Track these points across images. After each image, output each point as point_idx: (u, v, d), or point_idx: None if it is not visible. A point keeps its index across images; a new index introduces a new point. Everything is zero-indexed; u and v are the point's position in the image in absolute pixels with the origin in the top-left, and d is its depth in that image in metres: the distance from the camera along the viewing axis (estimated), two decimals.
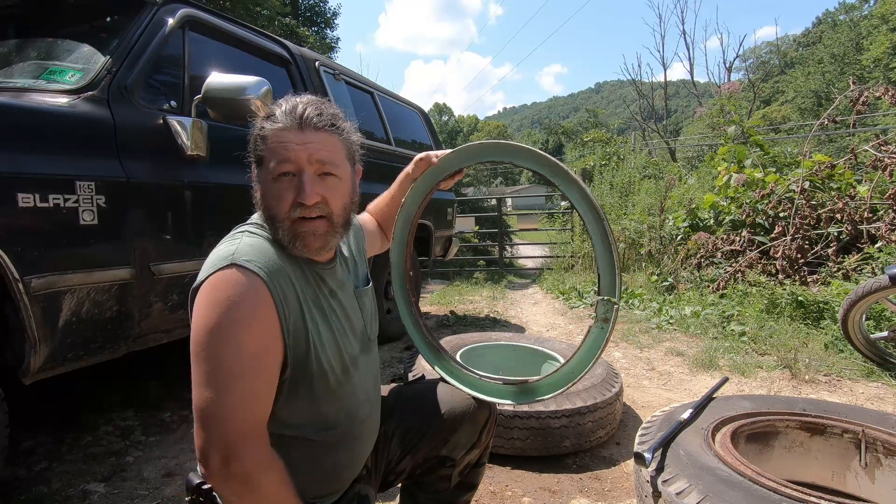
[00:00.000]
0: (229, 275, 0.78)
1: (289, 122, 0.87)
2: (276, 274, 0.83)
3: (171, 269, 1.78)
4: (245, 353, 0.76)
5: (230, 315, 0.76)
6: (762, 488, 1.15)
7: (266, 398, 0.80)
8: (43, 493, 1.67)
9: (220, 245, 0.87)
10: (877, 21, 27.67)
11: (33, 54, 1.92)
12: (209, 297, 0.77)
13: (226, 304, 0.76)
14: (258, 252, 0.83)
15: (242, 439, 0.76)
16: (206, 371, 0.76)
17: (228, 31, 2.24)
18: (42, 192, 1.37)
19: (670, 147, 16.93)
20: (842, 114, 7.65)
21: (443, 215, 4.07)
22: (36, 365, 1.42)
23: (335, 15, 18.70)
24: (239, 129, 2.11)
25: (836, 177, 4.60)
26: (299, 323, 0.86)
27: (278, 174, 0.86)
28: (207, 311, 0.77)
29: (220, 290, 0.77)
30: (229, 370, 0.76)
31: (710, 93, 30.99)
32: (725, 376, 1.97)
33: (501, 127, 65.43)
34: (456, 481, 1.22)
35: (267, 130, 0.88)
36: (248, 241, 0.86)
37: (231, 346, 0.76)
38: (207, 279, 0.79)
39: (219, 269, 0.79)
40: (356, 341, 1.01)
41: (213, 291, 0.77)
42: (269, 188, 0.88)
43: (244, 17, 10.10)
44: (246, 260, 0.80)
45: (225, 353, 0.76)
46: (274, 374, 0.82)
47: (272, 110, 0.90)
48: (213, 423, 0.76)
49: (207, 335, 0.76)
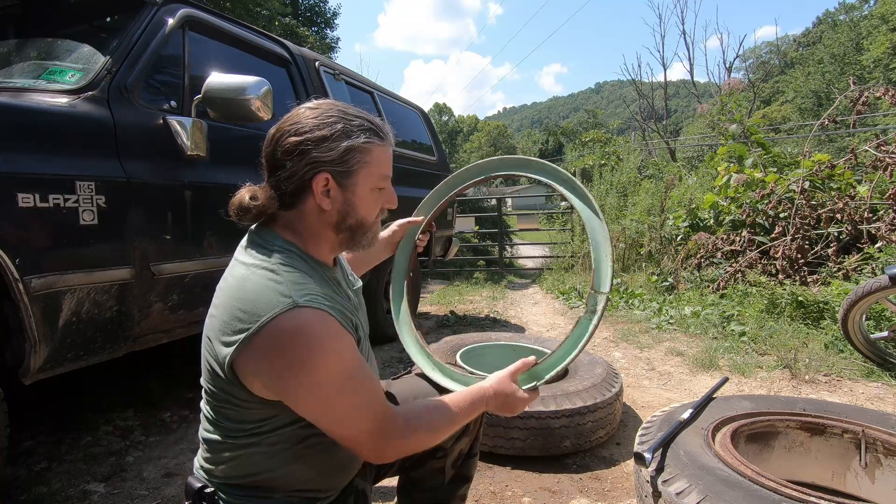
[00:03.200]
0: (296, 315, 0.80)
1: (387, 139, 0.95)
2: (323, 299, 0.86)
3: (171, 269, 1.78)
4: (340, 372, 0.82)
5: (316, 347, 0.80)
6: (762, 488, 1.15)
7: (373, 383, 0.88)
8: (43, 493, 1.67)
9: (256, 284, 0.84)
10: (877, 21, 27.66)
11: (33, 54, 1.93)
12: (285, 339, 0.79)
13: (306, 340, 0.79)
14: (303, 285, 0.85)
15: (380, 429, 0.85)
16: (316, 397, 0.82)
17: (228, 31, 2.24)
18: (42, 192, 1.37)
19: (670, 147, 16.93)
20: (842, 114, 7.65)
21: (443, 215, 4.07)
22: (36, 365, 1.42)
23: (335, 15, 18.72)
24: (239, 129, 2.12)
25: (836, 177, 4.60)
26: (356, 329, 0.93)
27: (379, 187, 0.94)
28: (288, 351, 0.79)
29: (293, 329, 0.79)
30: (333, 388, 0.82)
31: (710, 93, 30.99)
32: (725, 376, 1.97)
33: (501, 127, 65.39)
34: (450, 474, 1.23)
35: (370, 145, 0.91)
36: (289, 276, 0.85)
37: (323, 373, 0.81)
38: (272, 323, 0.79)
39: (280, 314, 0.79)
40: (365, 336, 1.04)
41: (290, 331, 0.79)
42: (364, 198, 0.93)
43: (244, 17, 10.10)
44: (305, 299, 0.82)
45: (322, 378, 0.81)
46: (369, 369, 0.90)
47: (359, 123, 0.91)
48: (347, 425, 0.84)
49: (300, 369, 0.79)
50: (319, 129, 0.88)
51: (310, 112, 0.91)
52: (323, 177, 0.88)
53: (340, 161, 0.89)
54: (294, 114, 0.92)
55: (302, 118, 0.90)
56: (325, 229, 0.93)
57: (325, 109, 0.91)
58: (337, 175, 0.89)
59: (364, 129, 0.91)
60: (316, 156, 0.87)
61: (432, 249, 3.90)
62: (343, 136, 0.89)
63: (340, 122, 0.89)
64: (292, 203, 0.90)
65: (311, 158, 0.87)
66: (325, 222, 0.92)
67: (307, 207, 0.91)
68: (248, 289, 0.84)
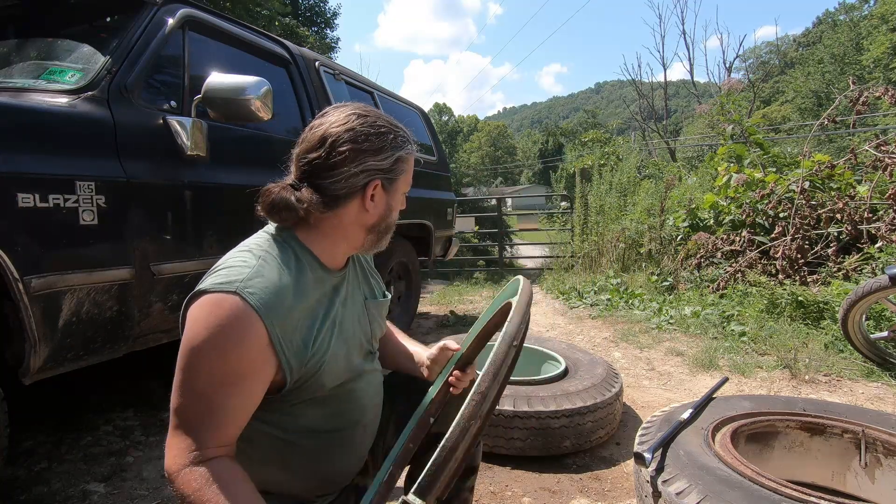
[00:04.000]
0: (228, 301, 0.79)
1: (414, 149, 0.99)
2: (279, 306, 0.83)
3: (171, 269, 1.78)
4: (217, 378, 0.79)
5: (214, 340, 0.78)
6: (762, 488, 1.15)
7: (234, 418, 0.81)
8: (43, 493, 1.67)
9: (238, 255, 0.88)
10: (877, 21, 27.66)
11: (33, 54, 1.92)
12: (203, 316, 0.79)
13: (215, 328, 0.78)
14: (267, 282, 0.83)
15: (185, 456, 0.78)
16: (182, 379, 0.80)
17: (228, 31, 2.24)
18: (42, 192, 1.37)
19: (670, 147, 16.93)
20: (842, 114, 7.65)
21: (443, 215, 4.07)
22: (36, 365, 1.42)
23: (335, 15, 18.71)
24: (239, 129, 2.12)
25: (836, 177, 4.60)
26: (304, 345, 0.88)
27: (406, 192, 1.00)
28: (197, 329, 0.79)
29: (214, 314, 0.79)
30: (198, 386, 0.79)
31: (710, 93, 30.98)
32: (725, 376, 1.97)
33: (501, 127, 65.42)
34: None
35: (409, 155, 0.97)
36: (264, 267, 0.85)
37: (205, 367, 0.79)
38: (208, 295, 0.81)
39: (222, 292, 0.80)
40: (362, 350, 1.03)
41: (209, 314, 0.79)
42: (397, 203, 0.99)
43: (244, 17, 10.10)
44: (251, 292, 0.81)
45: (201, 372, 0.79)
46: (251, 398, 0.83)
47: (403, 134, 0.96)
48: (181, 423, 0.80)
49: (190, 351, 0.79)
50: (375, 140, 0.91)
51: (361, 120, 0.92)
52: (374, 183, 0.92)
53: (390, 169, 0.94)
54: (342, 119, 0.91)
55: (357, 126, 0.91)
56: (357, 231, 0.96)
57: (373, 118, 0.94)
58: (385, 182, 0.94)
59: (406, 140, 0.96)
60: (372, 164, 0.91)
61: (432, 249, 3.90)
62: (394, 146, 0.93)
63: (391, 133, 0.93)
64: (332, 205, 0.91)
65: (368, 166, 0.90)
66: (361, 224, 0.95)
67: (348, 210, 0.92)
68: (224, 261, 0.87)
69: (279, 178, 0.96)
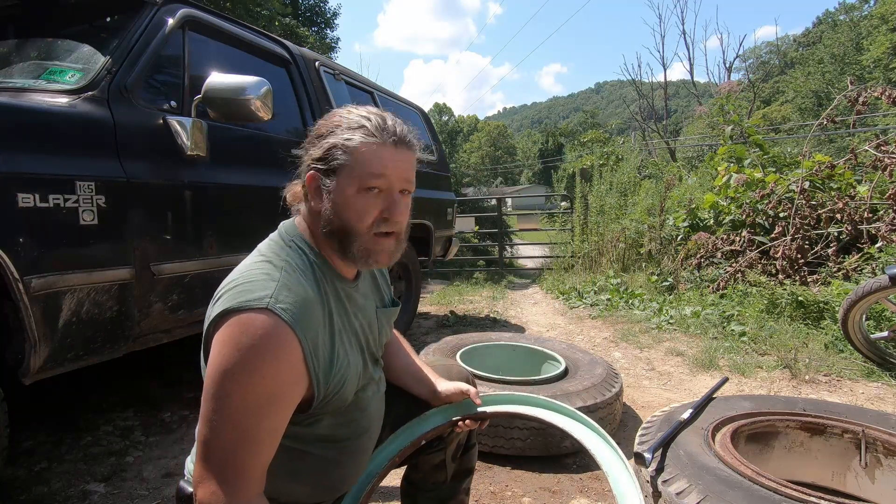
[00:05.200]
0: (261, 319, 0.75)
1: (385, 138, 0.86)
2: (309, 320, 0.80)
3: (171, 269, 1.78)
4: (251, 402, 0.75)
5: (249, 362, 0.74)
6: (762, 488, 1.15)
7: (268, 443, 0.78)
8: (43, 493, 1.67)
9: (258, 267, 0.83)
10: (877, 21, 27.66)
11: (33, 54, 1.92)
12: (234, 337, 0.75)
13: (249, 349, 0.74)
14: (296, 296, 0.80)
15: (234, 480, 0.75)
16: (214, 407, 0.75)
17: (228, 31, 2.24)
18: (42, 192, 1.37)
19: (670, 147, 16.93)
20: (842, 114, 7.65)
21: (443, 215, 4.07)
22: (36, 365, 1.42)
23: (335, 15, 18.71)
24: (239, 129, 2.12)
25: (836, 177, 4.60)
26: (330, 360, 0.85)
27: (366, 188, 0.85)
28: (227, 352, 0.75)
29: (248, 334, 0.74)
30: (232, 412, 0.75)
31: (710, 93, 30.99)
32: (725, 376, 1.97)
33: (501, 127, 65.43)
34: (452, 470, 1.22)
35: (356, 142, 0.84)
36: (289, 279, 0.82)
37: (239, 392, 0.74)
38: (237, 316, 0.76)
39: (252, 310, 0.76)
40: (372, 359, 1.02)
41: (240, 334, 0.75)
42: (349, 200, 0.85)
43: (244, 17, 10.10)
44: (283, 308, 0.77)
45: (234, 397, 0.74)
46: (283, 419, 0.81)
47: (355, 121, 0.86)
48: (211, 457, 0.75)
49: (221, 375, 0.74)
50: (318, 129, 0.88)
51: (324, 117, 0.91)
52: (310, 175, 0.87)
53: (323, 158, 0.86)
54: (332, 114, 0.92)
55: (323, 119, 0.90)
56: (323, 234, 0.89)
57: (333, 113, 0.90)
58: (322, 174, 0.86)
59: (356, 127, 0.85)
60: (309, 154, 0.88)
61: (432, 249, 3.90)
62: (333, 134, 0.86)
63: (337, 121, 0.87)
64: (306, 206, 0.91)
65: (306, 157, 0.88)
66: (320, 227, 0.88)
67: (309, 208, 0.90)
68: (245, 274, 0.83)
69: (281, 178, 0.96)
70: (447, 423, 1.13)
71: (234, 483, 0.74)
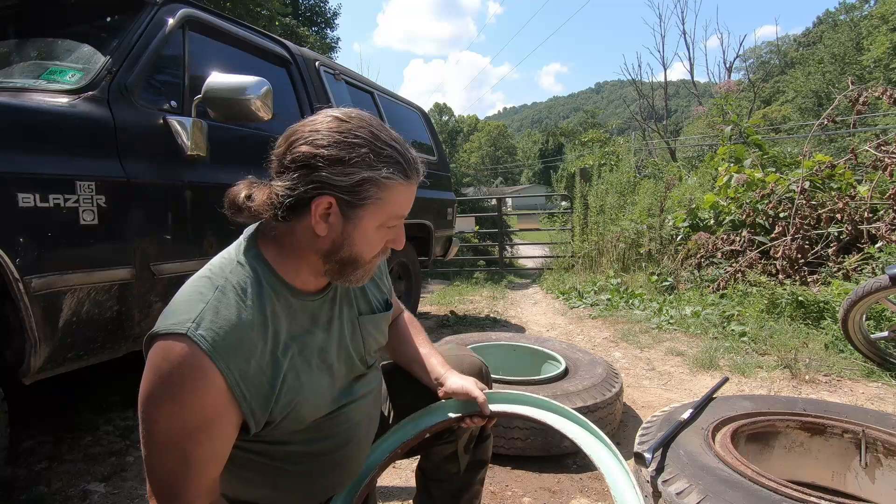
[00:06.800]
0: (178, 349, 0.73)
1: (414, 177, 0.84)
2: (237, 347, 0.76)
3: (172, 269, 1.78)
4: (177, 428, 0.74)
5: (168, 390, 0.73)
6: (762, 488, 1.15)
7: (205, 466, 0.77)
8: (43, 493, 1.67)
9: (195, 286, 0.80)
10: (877, 21, 27.67)
11: (33, 54, 1.93)
12: (155, 363, 0.74)
13: (167, 376, 0.73)
14: (223, 321, 0.76)
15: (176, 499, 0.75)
16: (144, 431, 0.75)
17: (228, 31, 2.24)
18: (42, 192, 1.37)
19: (670, 147, 16.92)
20: (842, 114, 7.65)
21: (443, 215, 4.07)
22: (36, 365, 1.42)
23: (335, 15, 18.72)
24: (239, 129, 2.12)
25: (837, 177, 4.60)
26: (271, 385, 0.81)
27: (388, 226, 0.84)
28: (150, 377, 0.74)
29: (168, 361, 0.73)
30: (160, 438, 0.74)
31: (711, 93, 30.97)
32: (725, 376, 1.97)
33: (501, 127, 65.45)
34: (465, 461, 1.20)
35: (393, 184, 0.80)
36: (221, 301, 0.77)
37: (163, 418, 0.74)
38: (159, 341, 0.75)
39: (171, 334, 0.74)
40: (352, 369, 0.96)
41: (161, 360, 0.73)
42: (368, 235, 0.83)
43: (244, 17, 10.09)
44: (202, 335, 0.73)
45: (159, 422, 0.74)
46: (220, 446, 0.78)
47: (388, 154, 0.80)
48: (152, 476, 0.76)
49: (145, 401, 0.74)
50: (339, 148, 0.77)
51: (335, 124, 0.80)
52: (326, 200, 0.78)
53: (351, 190, 0.78)
54: (318, 119, 0.81)
55: (323, 129, 0.79)
56: (311, 254, 0.84)
57: (354, 126, 0.80)
58: (343, 203, 0.79)
59: (391, 162, 0.80)
60: (325, 176, 0.77)
61: (432, 249, 3.90)
62: (363, 163, 0.78)
63: (366, 147, 0.78)
64: (286, 216, 0.80)
65: (318, 177, 0.77)
66: (313, 247, 0.83)
67: (301, 225, 0.81)
68: (181, 292, 0.80)
69: None
70: (453, 419, 1.11)
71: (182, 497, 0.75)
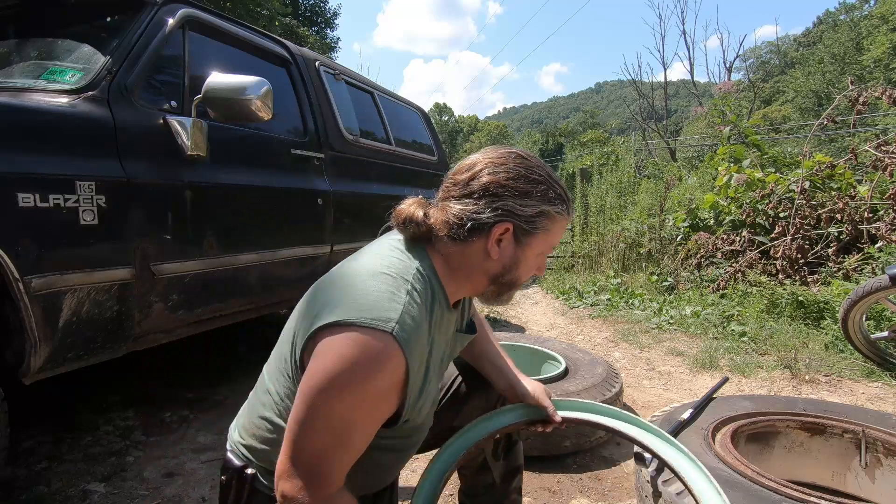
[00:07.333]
0: (379, 344, 0.77)
1: (571, 216, 0.96)
2: (418, 350, 0.83)
3: (172, 269, 1.78)
4: (353, 414, 0.78)
5: (361, 377, 0.76)
6: (762, 488, 1.15)
7: (357, 450, 0.82)
8: (43, 493, 1.67)
9: (385, 284, 0.84)
10: (877, 21, 27.66)
11: (33, 54, 1.93)
12: (349, 351, 0.76)
13: (364, 365, 0.76)
14: (414, 324, 0.82)
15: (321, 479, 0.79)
16: (307, 412, 0.78)
17: (228, 31, 2.24)
18: (42, 192, 1.37)
19: (670, 147, 16.91)
20: (842, 114, 7.65)
21: None
22: (36, 365, 1.42)
23: (335, 15, 18.74)
24: (239, 129, 2.12)
25: (837, 177, 4.60)
26: (420, 388, 0.88)
27: (546, 254, 0.97)
28: (341, 365, 0.76)
29: (365, 353, 0.76)
30: (326, 422, 0.78)
31: (711, 93, 30.96)
32: (725, 376, 1.97)
33: (501, 127, 65.43)
34: (499, 471, 1.23)
35: (561, 219, 0.93)
36: (412, 307, 0.83)
37: (345, 402, 0.77)
38: (357, 330, 0.77)
39: (377, 329, 0.77)
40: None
41: (359, 351, 0.76)
42: (530, 261, 0.94)
43: (244, 17, 10.10)
44: (405, 337, 0.78)
45: (334, 407, 0.77)
46: (374, 433, 0.84)
47: (559, 193, 0.92)
48: (301, 457, 0.79)
49: (326, 383, 0.76)
50: (524, 182, 0.89)
51: (519, 161, 0.91)
52: (504, 226, 0.89)
53: (529, 219, 0.90)
54: (500, 154, 0.92)
55: (509, 163, 0.90)
56: (479, 275, 0.93)
57: (533, 165, 0.92)
58: (519, 230, 0.90)
59: (561, 200, 0.93)
60: (511, 205, 0.88)
61: None
62: (543, 198, 0.90)
63: (544, 184, 0.91)
64: (461, 236, 0.89)
65: (504, 205, 0.88)
66: (483, 268, 0.92)
67: (474, 247, 0.90)
68: (370, 288, 0.83)
69: (281, 178, 0.95)
70: (522, 422, 1.15)
71: (319, 482, 0.78)
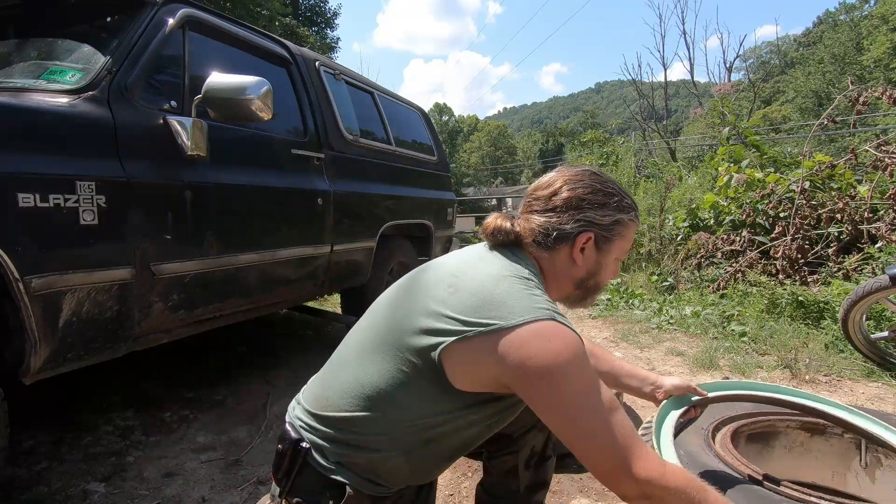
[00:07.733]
0: (555, 327, 0.86)
1: (639, 222, 1.09)
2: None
3: (172, 269, 1.78)
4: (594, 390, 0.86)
5: (579, 359, 0.86)
6: (762, 488, 1.15)
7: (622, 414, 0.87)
8: (43, 493, 1.67)
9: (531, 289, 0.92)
10: (877, 21, 27.67)
11: (33, 54, 1.93)
12: (542, 342, 0.84)
13: (571, 347, 0.85)
14: (556, 308, 0.93)
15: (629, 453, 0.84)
16: (582, 400, 0.85)
17: (228, 31, 2.24)
18: (42, 192, 1.37)
19: (670, 147, 16.91)
20: (842, 114, 7.64)
21: (443, 215, 4.07)
22: (36, 365, 1.42)
23: (335, 15, 18.74)
24: (239, 129, 2.12)
25: (837, 177, 4.59)
26: None
27: (621, 259, 1.08)
28: (547, 354, 0.84)
29: (561, 334, 0.86)
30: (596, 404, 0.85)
31: (710, 93, 30.96)
32: (726, 376, 1.97)
33: (501, 127, 65.40)
34: (525, 479, 1.23)
35: (632, 223, 1.05)
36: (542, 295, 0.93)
37: (581, 379, 0.85)
38: (546, 322, 0.86)
39: (541, 320, 0.86)
40: None
41: (563, 335, 0.86)
42: (609, 265, 1.06)
43: (244, 17, 10.10)
44: (562, 319, 0.89)
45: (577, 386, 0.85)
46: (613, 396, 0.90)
47: (631, 203, 1.05)
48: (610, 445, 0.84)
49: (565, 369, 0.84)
50: (602, 195, 1.02)
51: (595, 178, 1.04)
52: (587, 235, 1.01)
53: (607, 228, 1.02)
54: (576, 172, 1.05)
55: (587, 179, 1.03)
56: (566, 281, 1.04)
57: (606, 180, 1.05)
58: (599, 238, 1.02)
59: (632, 209, 1.05)
60: (591, 216, 1.01)
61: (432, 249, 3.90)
62: (618, 208, 1.03)
63: (617, 196, 1.03)
64: (548, 244, 1.01)
65: (585, 217, 1.00)
66: (569, 275, 1.04)
67: (560, 256, 1.02)
68: (501, 290, 0.91)
69: (281, 178, 0.96)
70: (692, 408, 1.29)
71: (639, 445, 0.85)
